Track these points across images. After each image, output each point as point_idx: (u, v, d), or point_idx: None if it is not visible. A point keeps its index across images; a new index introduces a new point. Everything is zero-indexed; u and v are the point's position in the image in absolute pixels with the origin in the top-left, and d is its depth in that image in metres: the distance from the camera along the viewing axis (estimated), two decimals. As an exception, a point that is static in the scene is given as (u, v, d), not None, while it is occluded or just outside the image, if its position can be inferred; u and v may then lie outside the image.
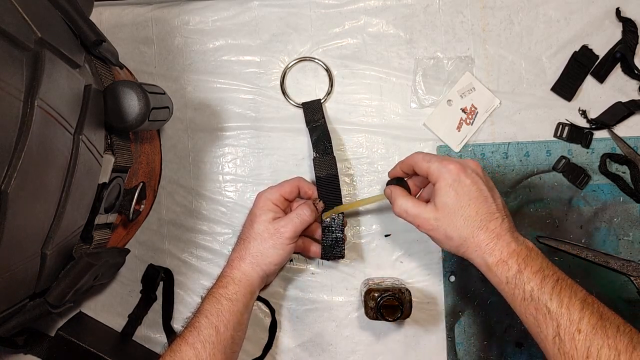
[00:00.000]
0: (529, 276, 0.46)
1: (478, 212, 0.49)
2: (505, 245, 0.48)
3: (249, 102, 0.67)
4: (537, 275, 0.46)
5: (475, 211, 0.49)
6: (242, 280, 0.56)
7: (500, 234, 0.48)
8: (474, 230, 0.49)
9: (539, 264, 0.47)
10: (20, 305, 0.43)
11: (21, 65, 0.35)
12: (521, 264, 0.47)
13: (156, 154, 0.65)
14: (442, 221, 0.50)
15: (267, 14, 0.67)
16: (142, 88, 0.48)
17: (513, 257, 0.47)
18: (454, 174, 0.50)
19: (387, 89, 0.67)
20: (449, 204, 0.49)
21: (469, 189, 0.49)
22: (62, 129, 0.39)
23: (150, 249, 0.67)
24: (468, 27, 0.67)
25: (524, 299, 0.46)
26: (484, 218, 0.49)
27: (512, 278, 0.47)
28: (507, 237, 0.48)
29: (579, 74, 0.66)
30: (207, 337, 0.51)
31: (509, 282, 0.47)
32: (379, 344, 0.66)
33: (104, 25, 0.68)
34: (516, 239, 0.49)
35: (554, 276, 0.46)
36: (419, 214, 0.51)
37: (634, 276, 0.64)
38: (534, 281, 0.46)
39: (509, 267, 0.47)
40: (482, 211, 0.49)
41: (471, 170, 0.51)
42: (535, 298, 0.45)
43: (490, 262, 0.48)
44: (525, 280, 0.46)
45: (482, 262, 0.49)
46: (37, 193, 0.37)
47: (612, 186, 0.65)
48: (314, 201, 0.61)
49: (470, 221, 0.49)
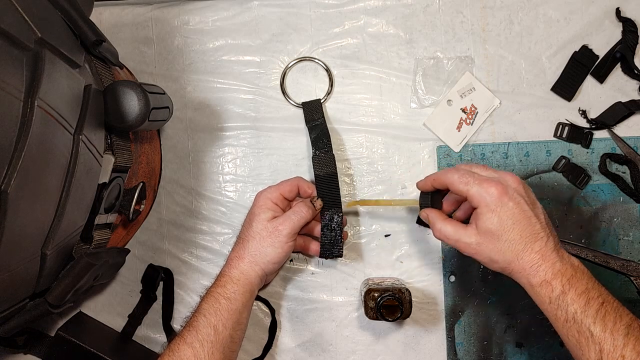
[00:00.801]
0: (573, 298, 0.45)
1: (522, 235, 0.47)
2: (550, 266, 0.46)
3: (249, 102, 0.67)
4: (581, 297, 0.45)
5: (519, 235, 0.47)
6: (241, 280, 0.56)
7: (545, 254, 0.47)
8: (519, 253, 0.47)
9: (584, 284, 0.46)
10: (20, 305, 0.43)
11: (21, 65, 0.35)
12: (565, 285, 0.46)
13: (156, 154, 0.65)
14: (485, 245, 0.48)
15: (267, 14, 0.67)
16: (142, 88, 0.48)
17: (557, 278, 0.46)
18: (495, 198, 0.48)
19: (387, 89, 0.67)
20: (492, 229, 0.48)
21: (512, 212, 0.47)
22: (62, 129, 0.39)
23: (150, 249, 0.67)
24: (468, 27, 0.67)
25: (567, 321, 0.45)
26: (528, 240, 0.47)
27: (555, 299, 0.46)
28: (552, 257, 0.47)
29: (579, 74, 0.66)
30: (206, 336, 0.51)
31: (552, 302, 0.46)
32: (379, 344, 0.66)
33: (104, 25, 0.68)
34: (561, 257, 0.47)
35: (599, 298, 0.45)
36: (460, 238, 0.50)
37: (634, 276, 0.64)
38: (578, 303, 0.45)
39: (553, 288, 0.46)
40: (526, 233, 0.47)
41: (513, 190, 0.48)
42: (579, 321, 0.44)
43: (534, 283, 0.47)
44: (568, 302, 0.45)
45: (526, 282, 0.48)
46: (37, 193, 0.37)
47: (612, 186, 0.65)
48: (311, 199, 0.61)
49: (514, 245, 0.47)
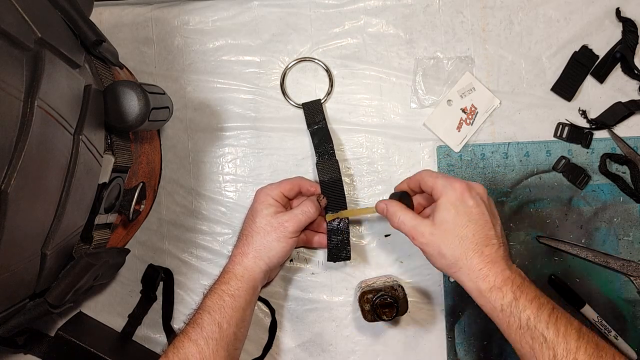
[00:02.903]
0: (525, 304, 0.45)
1: (475, 235, 0.48)
2: (500, 272, 0.47)
3: (249, 102, 0.67)
4: (533, 303, 0.45)
5: (472, 233, 0.48)
6: (245, 276, 0.56)
7: (495, 260, 0.48)
8: (468, 252, 0.48)
9: (533, 292, 0.46)
10: (20, 305, 0.43)
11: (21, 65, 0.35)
12: (516, 292, 0.46)
13: (156, 154, 0.65)
14: (437, 237, 0.49)
15: (267, 14, 0.67)
16: (142, 88, 0.48)
17: (508, 285, 0.46)
18: (458, 193, 0.49)
19: (387, 89, 0.67)
20: (447, 221, 0.49)
21: (470, 210, 0.49)
22: (62, 129, 0.39)
23: (150, 249, 0.67)
24: (468, 27, 0.67)
25: (520, 327, 0.45)
26: (480, 242, 0.48)
27: (507, 306, 0.46)
28: (501, 264, 0.47)
29: (579, 74, 0.66)
30: (210, 333, 0.51)
31: (504, 310, 0.46)
32: (378, 344, 0.66)
33: (104, 25, 0.68)
34: (510, 266, 0.48)
35: (549, 304, 0.46)
36: (415, 226, 0.51)
37: (634, 276, 0.64)
38: (530, 309, 0.45)
39: (504, 294, 0.46)
40: (479, 234, 0.48)
41: (476, 193, 0.50)
42: (532, 327, 0.45)
43: (483, 288, 0.47)
44: (521, 309, 0.45)
45: (473, 287, 0.48)
46: (37, 193, 0.37)
47: (612, 186, 0.65)
48: (317, 197, 0.61)
49: (465, 241, 0.48)
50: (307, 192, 0.62)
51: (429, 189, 0.52)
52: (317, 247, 0.66)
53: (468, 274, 0.48)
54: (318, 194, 0.62)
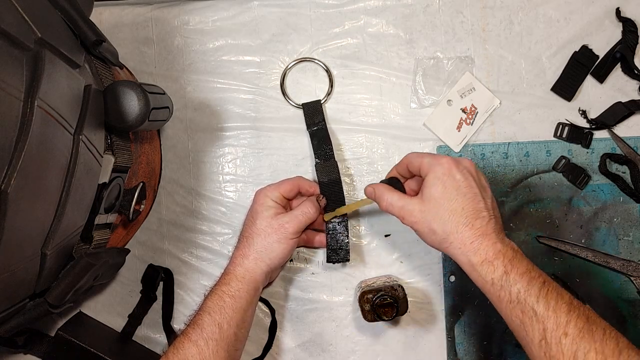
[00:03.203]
0: (516, 278, 0.45)
1: (465, 208, 0.48)
2: (491, 245, 0.47)
3: (249, 102, 0.67)
4: (523, 277, 0.45)
5: (461, 206, 0.48)
6: (245, 277, 0.56)
7: (486, 233, 0.47)
8: (459, 226, 0.48)
9: (524, 265, 0.46)
10: (20, 305, 0.43)
11: (21, 65, 0.35)
12: (507, 265, 0.46)
13: (156, 154, 0.65)
14: (427, 213, 0.49)
15: (267, 14, 0.67)
16: (142, 88, 0.48)
17: (499, 258, 0.46)
18: (445, 168, 0.49)
19: (387, 89, 0.67)
20: (435, 196, 0.49)
21: (458, 184, 0.48)
22: (62, 129, 0.39)
23: (150, 249, 0.67)
24: (468, 27, 0.67)
25: (510, 302, 0.45)
26: (470, 215, 0.48)
27: (498, 279, 0.46)
28: (492, 237, 0.47)
29: (579, 74, 0.66)
30: (210, 334, 0.51)
31: (495, 283, 0.46)
32: (378, 344, 0.66)
33: (104, 25, 0.68)
34: (502, 240, 0.48)
35: (540, 278, 0.46)
36: (404, 205, 0.51)
37: (634, 276, 0.64)
38: (521, 283, 0.45)
39: (495, 267, 0.46)
40: (468, 207, 0.48)
41: (463, 167, 0.50)
42: (522, 300, 0.44)
43: (475, 261, 0.47)
44: (511, 282, 0.45)
45: (465, 260, 0.48)
46: (37, 193, 0.37)
47: (612, 186, 0.65)
48: (317, 197, 0.61)
49: (455, 215, 0.48)
50: (306, 193, 0.62)
51: (416, 169, 0.52)
52: (318, 247, 0.66)
53: (460, 248, 0.48)
54: (317, 195, 0.62)
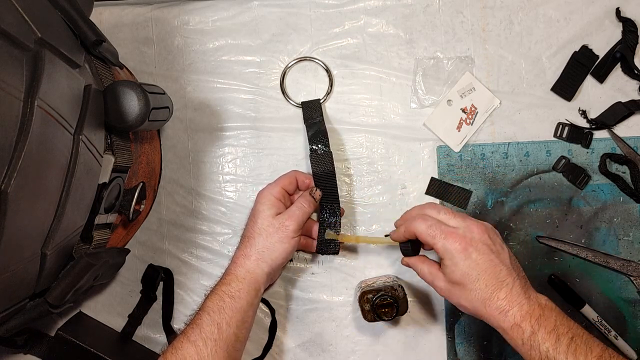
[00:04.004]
0: (544, 337, 0.46)
1: (487, 285, 0.49)
2: (518, 310, 0.48)
3: (249, 102, 0.67)
4: (551, 335, 0.46)
5: (484, 284, 0.49)
6: (246, 278, 0.56)
7: (512, 300, 0.48)
8: (485, 301, 0.49)
9: (552, 322, 0.47)
10: (20, 305, 0.43)
11: (21, 65, 0.35)
12: (534, 325, 0.47)
13: (156, 154, 0.65)
14: (453, 292, 0.51)
15: (267, 14, 0.67)
16: (142, 88, 0.48)
17: (526, 319, 0.47)
18: (460, 252, 0.50)
19: (387, 89, 0.67)
20: (457, 280, 0.50)
21: (476, 263, 0.49)
22: (62, 129, 0.39)
23: (150, 249, 0.67)
24: (468, 27, 0.67)
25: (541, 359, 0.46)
26: (494, 288, 0.49)
27: (527, 340, 0.47)
28: (518, 300, 0.48)
29: (579, 74, 0.66)
30: (209, 334, 0.51)
31: (525, 343, 0.47)
32: (378, 344, 0.66)
33: (104, 25, 0.68)
34: (528, 298, 0.49)
35: (569, 334, 0.46)
36: (433, 281, 0.53)
37: (634, 276, 0.64)
38: (549, 342, 0.46)
39: (523, 330, 0.47)
40: (491, 282, 0.49)
41: (477, 241, 0.50)
42: (552, 358, 0.46)
43: (505, 327, 0.48)
44: (540, 341, 0.46)
45: (497, 326, 0.49)
46: (37, 193, 0.37)
47: (612, 186, 0.65)
48: (310, 191, 0.61)
49: (480, 293, 0.49)
50: (302, 185, 0.63)
51: (428, 246, 0.53)
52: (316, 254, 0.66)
53: (489, 319, 0.49)
54: (311, 188, 0.62)
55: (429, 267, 0.54)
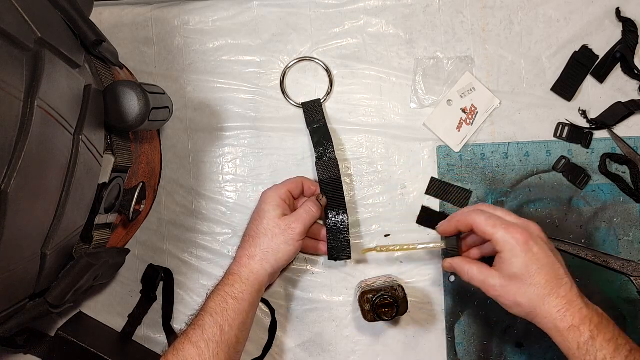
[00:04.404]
0: (602, 344, 0.45)
1: (547, 280, 0.48)
2: (577, 311, 0.47)
3: (249, 102, 0.67)
4: (610, 343, 0.45)
5: (544, 279, 0.48)
6: (250, 279, 0.55)
7: (572, 300, 0.47)
8: (545, 298, 0.48)
9: (611, 332, 0.46)
10: (20, 305, 0.43)
11: (21, 65, 0.35)
12: (594, 331, 0.46)
13: (156, 154, 0.65)
14: (510, 288, 0.49)
15: (267, 14, 0.67)
16: (142, 88, 0.48)
17: (585, 323, 0.46)
18: (521, 244, 0.48)
19: (387, 89, 0.67)
20: (517, 273, 0.48)
21: (537, 257, 0.48)
22: (62, 129, 0.39)
23: (150, 249, 0.67)
24: (468, 27, 0.67)
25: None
26: (554, 285, 0.48)
27: (584, 344, 0.46)
28: (578, 303, 0.47)
29: (579, 74, 0.66)
30: (211, 336, 0.51)
31: (580, 347, 0.46)
32: (378, 344, 0.66)
33: (104, 25, 0.68)
34: (587, 304, 0.48)
35: (627, 346, 0.46)
36: (484, 280, 0.51)
37: (634, 276, 0.64)
38: (607, 350, 0.45)
39: (581, 332, 0.46)
40: (551, 278, 0.48)
41: (536, 237, 0.50)
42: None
43: (562, 327, 0.47)
44: (597, 348, 0.45)
45: (552, 327, 0.48)
46: (37, 193, 0.37)
47: (612, 186, 0.65)
48: (317, 197, 0.61)
49: (539, 288, 0.48)
50: (308, 191, 0.63)
51: (486, 237, 0.51)
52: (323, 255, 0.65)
53: (546, 317, 0.48)
54: (318, 194, 0.62)
55: (479, 266, 0.52)
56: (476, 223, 0.51)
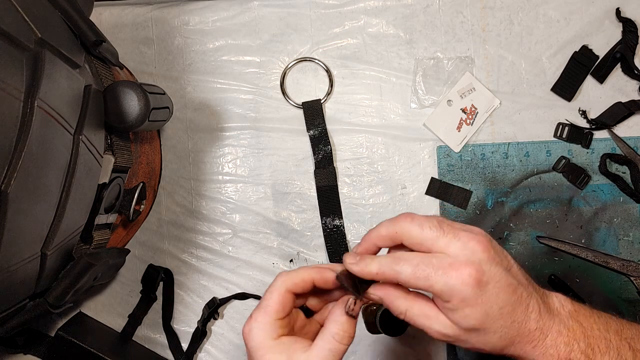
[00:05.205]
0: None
1: (515, 319, 0.37)
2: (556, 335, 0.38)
3: (249, 103, 0.67)
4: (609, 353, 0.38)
5: (510, 319, 0.37)
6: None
7: (544, 326, 0.38)
8: (514, 338, 0.37)
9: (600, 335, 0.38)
10: (20, 305, 0.43)
11: (21, 65, 0.35)
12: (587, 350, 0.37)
13: (156, 154, 0.65)
14: (467, 339, 0.38)
15: (267, 14, 0.67)
16: (142, 88, 0.48)
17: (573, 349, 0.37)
18: (471, 288, 0.35)
19: (387, 89, 0.67)
20: (476, 325, 0.36)
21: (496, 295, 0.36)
22: (62, 129, 0.39)
23: (150, 249, 0.67)
24: (468, 27, 0.67)
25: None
26: (521, 319, 0.37)
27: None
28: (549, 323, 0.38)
29: (579, 74, 0.66)
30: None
31: None
32: (379, 344, 0.66)
33: (104, 25, 0.68)
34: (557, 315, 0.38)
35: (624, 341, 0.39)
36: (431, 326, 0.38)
37: (634, 276, 0.64)
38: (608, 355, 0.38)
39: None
40: (517, 312, 0.37)
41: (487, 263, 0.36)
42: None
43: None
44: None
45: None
46: (37, 193, 0.37)
47: (612, 186, 0.65)
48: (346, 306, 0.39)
49: (506, 331, 0.37)
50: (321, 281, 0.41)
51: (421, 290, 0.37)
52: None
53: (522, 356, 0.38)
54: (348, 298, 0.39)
55: (422, 307, 0.38)
56: (404, 279, 0.37)
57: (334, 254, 0.64)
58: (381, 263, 0.38)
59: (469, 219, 0.66)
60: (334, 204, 0.65)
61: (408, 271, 0.36)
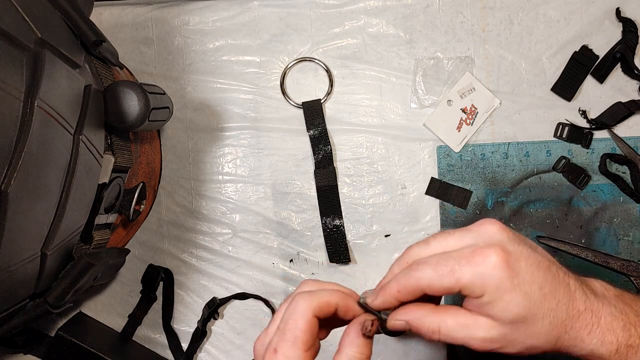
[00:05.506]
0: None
1: (560, 299, 0.33)
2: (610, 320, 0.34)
3: (249, 103, 0.67)
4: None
5: (555, 300, 0.33)
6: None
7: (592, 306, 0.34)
8: (566, 322, 0.33)
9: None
10: (20, 305, 0.43)
11: (21, 65, 0.35)
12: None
13: (156, 154, 0.65)
14: (516, 335, 0.33)
15: (267, 14, 0.67)
16: (142, 88, 0.48)
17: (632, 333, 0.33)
18: (504, 271, 0.32)
19: (387, 89, 0.67)
20: (522, 313, 0.32)
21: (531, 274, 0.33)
22: (62, 129, 0.39)
23: (150, 249, 0.67)
24: (468, 27, 0.67)
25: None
26: (567, 299, 0.33)
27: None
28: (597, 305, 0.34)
29: (579, 74, 0.66)
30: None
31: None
32: (379, 344, 0.66)
33: (104, 25, 0.68)
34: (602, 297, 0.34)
35: None
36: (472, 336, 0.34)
37: (634, 276, 0.64)
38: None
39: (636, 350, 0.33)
40: (559, 292, 0.33)
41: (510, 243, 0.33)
42: None
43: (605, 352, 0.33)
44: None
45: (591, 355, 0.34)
46: (37, 193, 0.37)
47: (612, 186, 0.65)
48: (364, 327, 0.35)
49: (556, 315, 0.33)
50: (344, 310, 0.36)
51: (450, 291, 0.33)
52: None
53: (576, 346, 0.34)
54: (364, 319, 0.36)
55: (455, 317, 0.34)
56: (426, 283, 0.33)
57: (334, 254, 0.64)
58: (398, 278, 0.35)
59: (469, 219, 0.66)
60: (334, 204, 0.65)
61: (429, 273, 0.33)
